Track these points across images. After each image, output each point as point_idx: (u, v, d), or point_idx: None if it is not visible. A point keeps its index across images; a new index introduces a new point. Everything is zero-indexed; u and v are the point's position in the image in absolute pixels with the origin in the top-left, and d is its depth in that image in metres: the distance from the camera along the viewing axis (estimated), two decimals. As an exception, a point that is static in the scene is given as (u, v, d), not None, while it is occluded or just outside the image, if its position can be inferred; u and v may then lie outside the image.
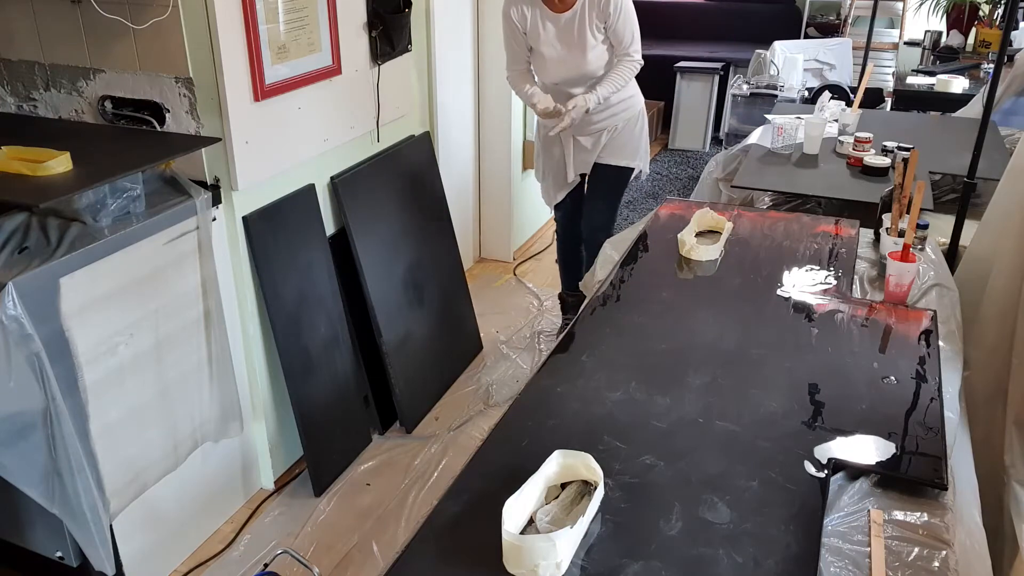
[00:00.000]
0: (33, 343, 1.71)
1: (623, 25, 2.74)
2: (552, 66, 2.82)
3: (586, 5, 2.71)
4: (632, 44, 2.79)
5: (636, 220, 3.20)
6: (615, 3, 2.69)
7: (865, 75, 3.50)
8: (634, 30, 2.77)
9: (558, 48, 2.78)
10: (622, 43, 2.78)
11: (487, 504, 1.28)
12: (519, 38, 2.83)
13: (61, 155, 1.87)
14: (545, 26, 2.76)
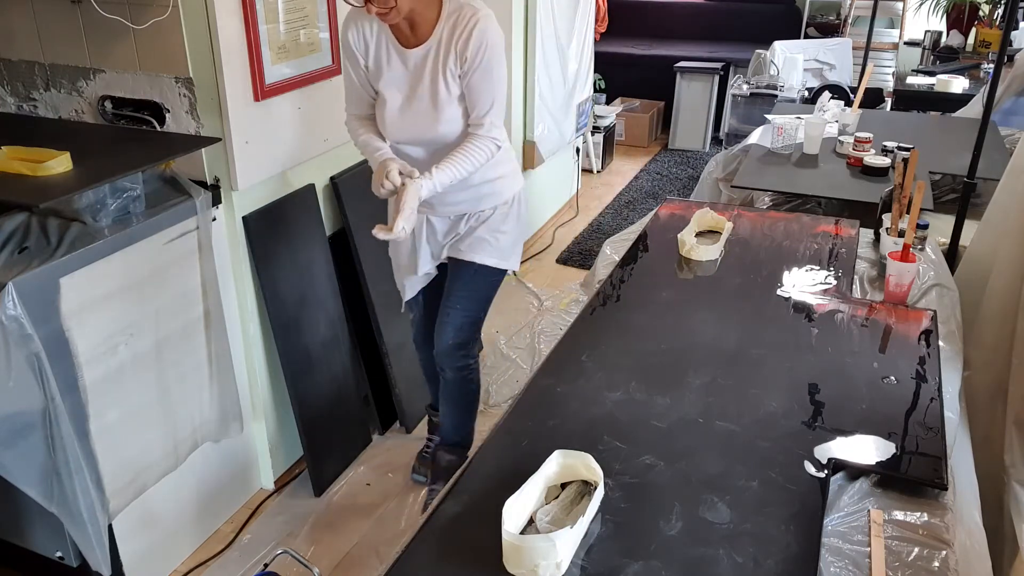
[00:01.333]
0: (33, 343, 1.71)
1: (482, 82, 1.97)
2: (394, 118, 2.06)
3: (442, 42, 1.96)
4: (489, 114, 2.00)
5: (636, 220, 3.19)
6: (477, 44, 1.93)
7: (865, 75, 3.50)
8: (496, 96, 1.99)
9: (404, 93, 2.04)
10: (476, 108, 2.00)
11: (487, 504, 1.28)
12: (360, 72, 2.08)
13: (61, 155, 1.87)
14: (391, 61, 2.02)
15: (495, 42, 1.94)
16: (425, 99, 2.01)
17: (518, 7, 3.73)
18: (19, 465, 1.77)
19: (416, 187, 1.94)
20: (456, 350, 2.29)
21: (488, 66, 1.95)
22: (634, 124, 6.11)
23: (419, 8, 1.92)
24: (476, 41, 1.91)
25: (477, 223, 2.20)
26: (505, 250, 2.25)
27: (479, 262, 2.21)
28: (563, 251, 4.36)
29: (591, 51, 4.68)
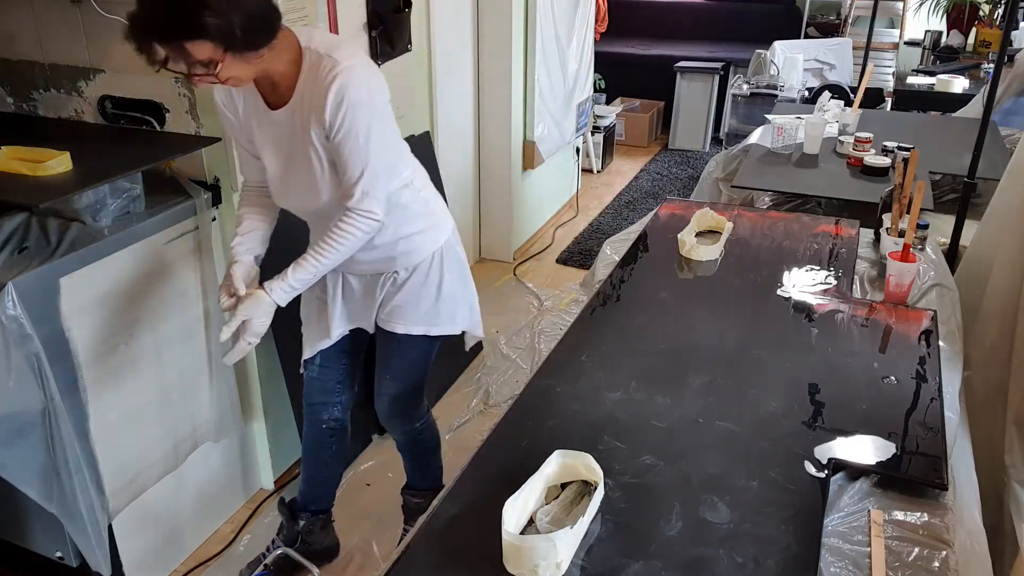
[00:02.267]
0: (33, 343, 1.71)
1: (345, 146, 1.63)
2: (276, 186, 1.79)
3: (303, 102, 1.64)
4: (360, 183, 1.66)
5: (636, 220, 3.19)
6: (335, 104, 1.59)
7: (865, 75, 3.50)
8: (367, 161, 1.64)
9: (280, 158, 1.75)
10: (345, 175, 1.67)
11: (487, 504, 1.28)
12: (238, 133, 1.83)
13: (61, 155, 1.87)
14: (261, 122, 1.73)
15: (359, 99, 1.60)
16: (301, 166, 1.71)
17: (518, 7, 3.73)
18: (18, 465, 1.77)
19: (255, 302, 1.69)
20: (397, 419, 2.12)
21: (351, 128, 1.61)
22: (634, 124, 6.11)
23: (275, 66, 1.61)
24: (334, 101, 1.59)
25: (395, 288, 1.90)
26: (432, 315, 1.94)
27: (401, 332, 1.94)
28: (563, 251, 4.36)
29: (591, 51, 4.68)
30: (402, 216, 1.83)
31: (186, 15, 1.42)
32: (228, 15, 1.43)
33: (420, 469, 2.29)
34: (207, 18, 1.42)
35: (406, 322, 1.93)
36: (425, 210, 1.89)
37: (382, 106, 1.67)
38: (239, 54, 1.50)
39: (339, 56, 1.61)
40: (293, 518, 2.25)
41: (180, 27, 1.44)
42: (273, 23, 1.54)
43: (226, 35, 1.45)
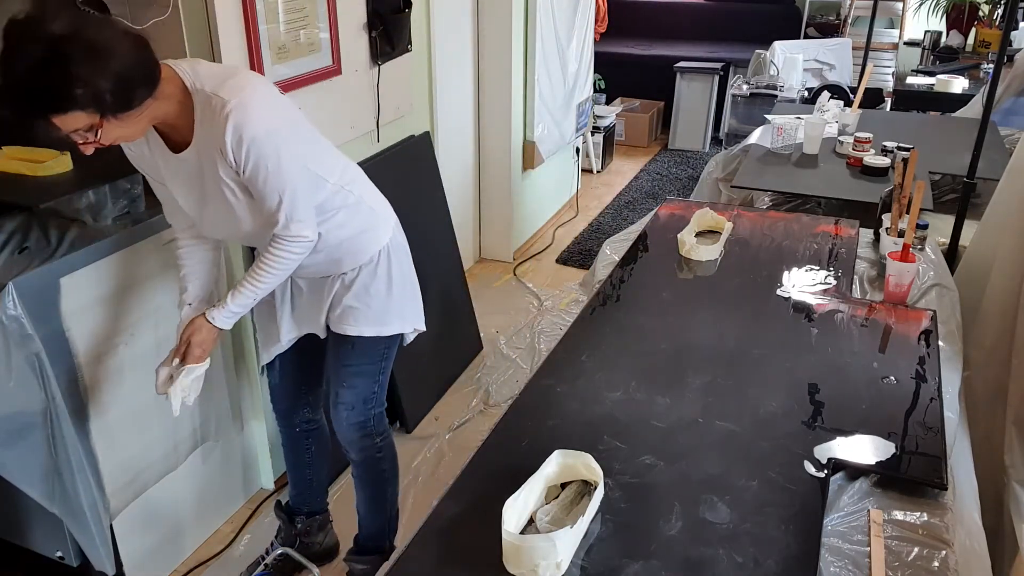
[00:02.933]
0: (33, 343, 1.71)
1: (257, 180, 1.57)
2: (201, 222, 1.74)
3: (203, 144, 1.57)
4: (281, 210, 1.61)
5: (636, 220, 3.19)
6: (235, 142, 1.52)
7: (865, 75, 3.50)
8: (283, 189, 1.59)
9: (196, 197, 1.68)
10: (264, 205, 1.62)
11: (487, 504, 1.28)
12: (151, 178, 1.76)
13: (61, 155, 1.87)
14: (168, 165, 1.66)
15: (257, 134, 1.52)
16: (218, 202, 1.65)
17: (518, 7, 3.73)
18: (20, 465, 1.77)
19: (197, 329, 1.69)
20: (355, 431, 1.97)
21: (258, 162, 1.54)
22: (634, 124, 6.11)
23: (166, 113, 1.54)
24: (232, 141, 1.51)
25: (343, 288, 1.85)
26: (381, 315, 1.88)
27: (353, 334, 1.88)
28: (563, 251, 4.36)
29: (591, 51, 4.68)
30: (339, 220, 1.78)
31: (50, 89, 1.33)
32: (95, 82, 1.34)
33: (374, 502, 2.10)
34: (73, 90, 1.33)
35: (357, 323, 1.87)
36: (362, 209, 1.84)
37: (284, 128, 1.60)
38: (117, 116, 1.41)
39: (226, 94, 1.51)
40: (290, 520, 2.25)
41: (45, 103, 1.35)
42: (149, 77, 1.45)
43: (97, 102, 1.36)
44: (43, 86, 1.32)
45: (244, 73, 1.56)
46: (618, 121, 5.91)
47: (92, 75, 1.33)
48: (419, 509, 2.51)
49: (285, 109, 1.64)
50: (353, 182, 1.85)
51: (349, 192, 1.82)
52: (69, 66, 1.31)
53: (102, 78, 1.34)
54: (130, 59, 1.39)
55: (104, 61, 1.34)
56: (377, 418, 2.02)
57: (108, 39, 1.36)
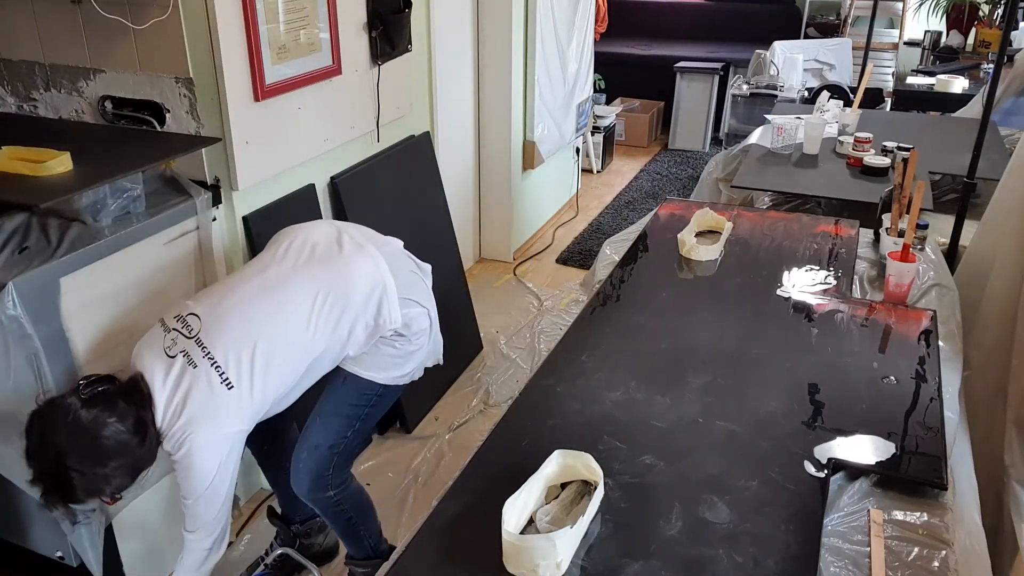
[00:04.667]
0: (32, 343, 1.71)
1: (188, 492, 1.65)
2: None
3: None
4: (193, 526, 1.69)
5: (636, 220, 3.18)
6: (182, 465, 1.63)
7: (865, 75, 3.50)
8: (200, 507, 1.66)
9: None
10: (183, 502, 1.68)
11: (487, 504, 1.28)
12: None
13: (61, 155, 1.87)
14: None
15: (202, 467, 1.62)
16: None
17: (518, 7, 3.73)
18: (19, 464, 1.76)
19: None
20: (307, 479, 1.90)
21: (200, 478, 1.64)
22: (634, 124, 6.11)
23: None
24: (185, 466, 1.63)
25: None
26: (385, 366, 1.87)
27: (348, 370, 1.85)
28: (563, 251, 4.36)
29: (591, 51, 4.68)
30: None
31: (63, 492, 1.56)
32: (98, 486, 1.57)
33: (351, 538, 2.07)
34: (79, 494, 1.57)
35: (355, 365, 1.85)
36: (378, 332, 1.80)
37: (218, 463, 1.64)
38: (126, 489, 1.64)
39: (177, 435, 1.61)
40: (286, 525, 2.24)
41: (62, 498, 1.57)
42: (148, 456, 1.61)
43: (105, 493, 1.61)
44: (56, 489, 1.56)
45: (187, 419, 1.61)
46: (618, 121, 5.91)
47: (95, 481, 1.56)
48: (419, 509, 2.51)
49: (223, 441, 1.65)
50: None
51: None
52: (75, 478, 1.53)
53: (104, 481, 1.57)
54: (128, 454, 1.57)
55: (105, 465, 1.55)
56: (337, 469, 1.92)
57: (108, 445, 1.54)
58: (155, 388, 1.61)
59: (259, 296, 1.70)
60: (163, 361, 1.63)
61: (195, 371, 1.61)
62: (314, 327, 1.70)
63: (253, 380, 1.63)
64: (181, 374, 1.61)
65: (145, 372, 1.63)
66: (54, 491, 1.56)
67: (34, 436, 1.55)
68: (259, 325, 1.66)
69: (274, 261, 1.76)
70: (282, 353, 1.67)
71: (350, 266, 1.76)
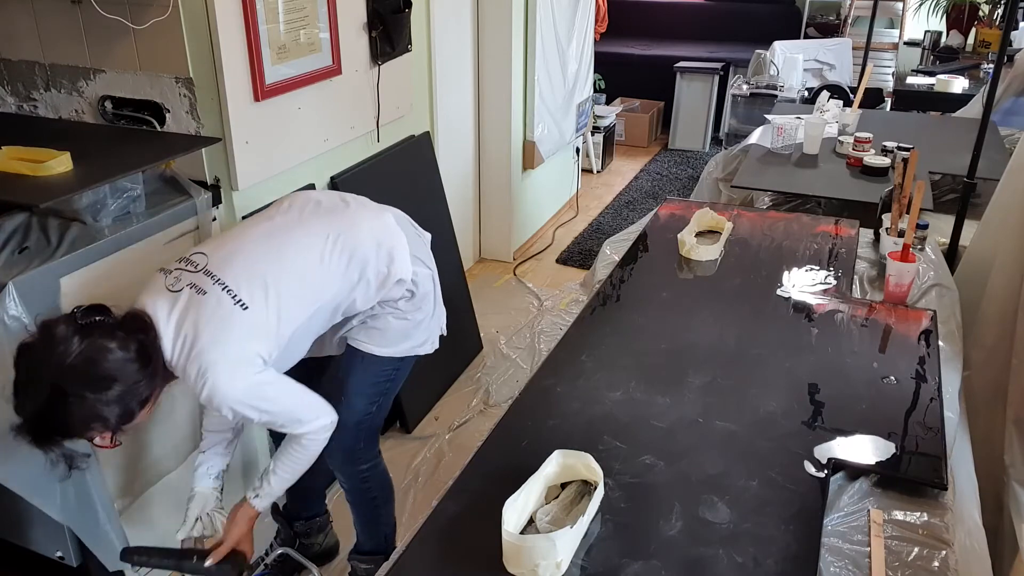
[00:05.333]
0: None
1: (261, 420, 1.63)
2: None
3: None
4: (290, 428, 1.67)
5: (636, 220, 3.18)
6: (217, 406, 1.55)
7: (865, 75, 3.50)
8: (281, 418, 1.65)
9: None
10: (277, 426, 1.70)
11: (487, 504, 1.28)
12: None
13: (61, 155, 1.87)
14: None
15: (237, 399, 1.53)
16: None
17: (518, 7, 3.73)
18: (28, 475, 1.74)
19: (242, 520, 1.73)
20: (339, 456, 1.92)
21: (247, 415, 1.58)
22: (634, 124, 6.11)
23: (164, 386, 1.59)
24: (213, 405, 1.56)
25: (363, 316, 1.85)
26: (399, 338, 1.87)
27: (365, 350, 1.86)
28: (563, 251, 4.36)
29: (591, 51, 4.68)
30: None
31: (58, 425, 1.42)
32: (99, 414, 1.42)
33: (367, 524, 2.09)
34: (78, 425, 1.43)
35: (371, 341, 1.86)
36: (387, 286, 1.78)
37: (254, 388, 1.56)
38: (123, 427, 1.50)
39: (191, 379, 1.52)
40: (289, 523, 2.24)
41: (56, 433, 1.45)
42: (150, 385, 1.50)
43: (105, 426, 1.45)
44: (51, 423, 1.41)
45: (204, 344, 1.51)
46: (618, 121, 5.91)
47: (95, 409, 1.41)
48: (419, 509, 2.51)
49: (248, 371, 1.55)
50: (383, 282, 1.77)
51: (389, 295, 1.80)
52: (72, 406, 1.39)
53: (106, 408, 1.42)
54: (131, 379, 1.45)
55: (106, 391, 1.41)
56: (367, 443, 1.96)
57: (109, 368, 1.42)
58: (160, 323, 1.51)
59: (267, 236, 1.66)
60: (166, 296, 1.53)
61: (204, 297, 1.52)
62: (326, 264, 1.66)
63: (268, 302, 1.56)
64: (188, 304, 1.51)
65: (147, 309, 1.52)
66: (48, 425, 1.42)
67: (24, 365, 1.41)
68: (271, 257, 1.62)
69: (279, 212, 1.74)
70: (295, 285, 1.61)
71: (358, 217, 1.76)
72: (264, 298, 1.56)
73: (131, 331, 1.47)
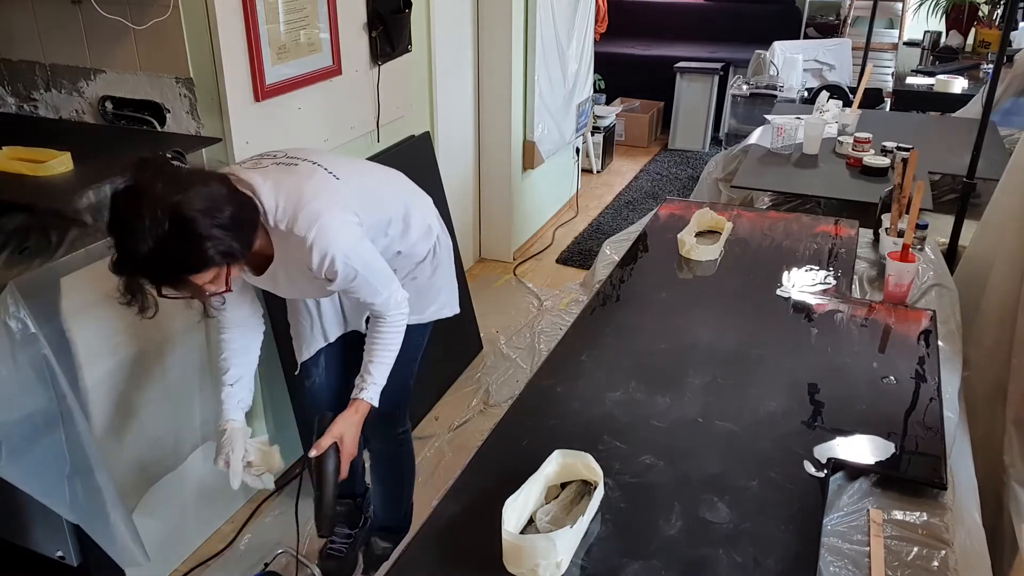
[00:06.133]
0: (38, 343, 1.70)
1: (356, 287, 1.66)
2: (279, 292, 1.82)
3: (288, 264, 1.63)
4: (377, 301, 1.71)
5: (636, 220, 3.18)
6: (323, 265, 1.57)
7: (864, 75, 3.50)
8: (375, 288, 1.68)
9: (278, 287, 1.76)
10: (360, 299, 1.73)
11: (487, 504, 1.28)
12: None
13: (62, 155, 1.87)
14: (248, 279, 1.75)
15: (338, 254, 1.56)
16: (304, 284, 1.70)
17: (518, 7, 3.73)
18: (36, 473, 1.74)
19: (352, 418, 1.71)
20: (383, 420, 1.96)
21: (347, 274, 1.60)
22: (634, 124, 6.11)
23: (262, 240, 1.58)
24: (319, 263, 1.56)
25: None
26: (425, 304, 1.97)
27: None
28: (563, 251, 4.37)
29: (591, 51, 4.68)
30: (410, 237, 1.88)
31: (186, 254, 1.37)
32: (221, 236, 1.38)
33: (390, 499, 2.14)
34: (207, 249, 1.37)
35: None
36: (419, 221, 1.87)
37: (358, 242, 1.62)
38: (239, 261, 1.47)
39: (301, 229, 1.53)
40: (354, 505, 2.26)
41: (183, 266, 1.39)
42: (254, 211, 1.50)
43: (228, 253, 1.41)
44: (178, 252, 1.35)
45: (309, 197, 1.55)
46: (618, 121, 5.91)
47: (217, 230, 1.37)
48: (419, 509, 2.51)
49: (354, 229, 1.62)
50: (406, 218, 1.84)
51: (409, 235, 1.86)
52: (197, 228, 1.34)
53: (225, 230, 1.38)
54: (235, 202, 1.43)
55: (220, 213, 1.38)
56: (403, 410, 2.08)
57: (213, 191, 1.40)
58: (255, 184, 1.51)
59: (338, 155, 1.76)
60: (257, 171, 1.55)
61: (295, 167, 1.57)
62: (382, 187, 1.79)
63: (353, 181, 1.65)
64: (280, 173, 1.56)
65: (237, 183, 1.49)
66: (172, 258, 1.35)
67: (132, 202, 1.33)
68: (343, 160, 1.72)
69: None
70: (366, 185, 1.72)
71: (390, 171, 1.90)
72: (350, 176, 1.65)
73: (218, 177, 1.45)
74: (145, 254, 1.32)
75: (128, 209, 1.33)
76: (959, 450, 1.58)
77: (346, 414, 1.71)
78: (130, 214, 1.32)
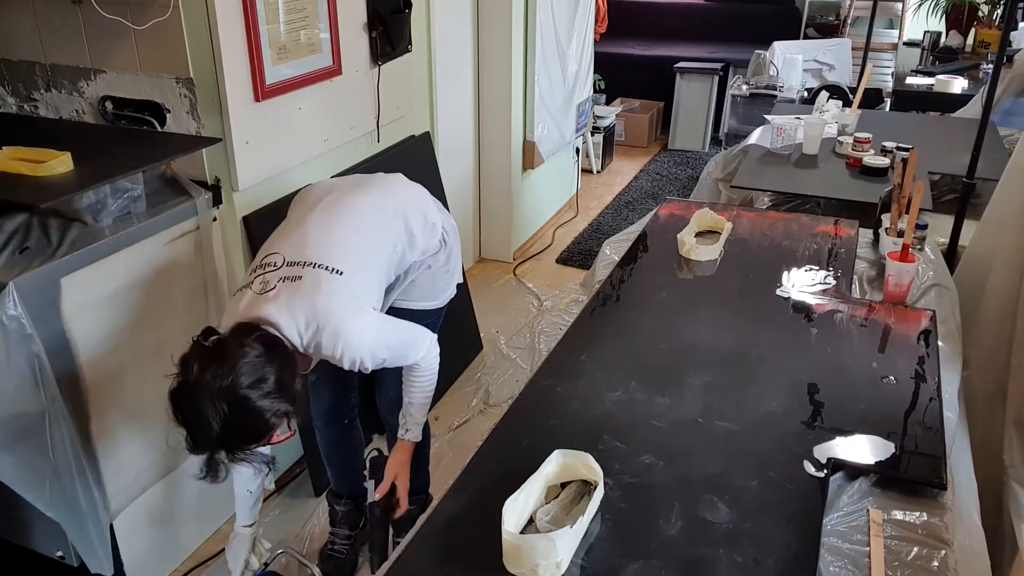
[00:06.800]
0: (34, 343, 1.71)
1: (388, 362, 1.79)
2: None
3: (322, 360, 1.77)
4: (409, 363, 1.85)
5: (636, 220, 3.18)
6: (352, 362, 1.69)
7: (864, 75, 3.50)
8: (405, 356, 1.82)
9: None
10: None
11: (487, 504, 1.28)
12: None
13: (62, 155, 1.87)
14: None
15: (369, 350, 1.70)
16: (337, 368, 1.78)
17: (518, 7, 3.73)
18: (17, 469, 1.76)
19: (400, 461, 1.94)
20: (399, 403, 2.02)
21: (376, 361, 1.73)
22: (634, 124, 6.11)
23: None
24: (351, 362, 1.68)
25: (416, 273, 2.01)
26: (439, 289, 2.08)
27: (412, 308, 2.03)
28: (563, 251, 4.37)
29: (591, 51, 4.68)
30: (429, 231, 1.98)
31: (250, 429, 1.53)
32: (273, 404, 1.52)
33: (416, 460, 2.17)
34: (267, 420, 1.52)
35: (414, 299, 2.04)
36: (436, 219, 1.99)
37: (381, 336, 1.74)
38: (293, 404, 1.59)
39: (327, 349, 1.64)
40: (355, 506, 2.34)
41: (251, 439, 1.55)
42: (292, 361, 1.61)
43: (285, 415, 1.56)
44: (244, 426, 1.51)
45: (324, 319, 1.63)
46: (618, 121, 5.91)
47: (267, 400, 1.51)
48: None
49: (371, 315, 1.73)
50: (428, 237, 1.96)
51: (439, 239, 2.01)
52: (253, 404, 1.49)
53: (274, 397, 1.52)
54: (274, 362, 1.54)
55: (266, 381, 1.51)
56: None
57: (252, 359, 1.50)
58: (273, 319, 1.60)
59: (326, 211, 1.80)
60: (264, 299, 1.62)
61: (300, 282, 1.63)
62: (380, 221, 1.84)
63: (354, 262, 1.71)
64: (290, 294, 1.62)
65: (250, 317, 1.60)
66: (239, 436, 1.51)
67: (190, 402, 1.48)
68: (337, 224, 1.77)
69: (324, 195, 1.86)
70: (365, 242, 1.78)
71: (387, 183, 1.97)
72: (351, 260, 1.71)
73: (246, 334, 1.55)
74: (217, 437, 1.49)
75: (189, 407, 1.48)
76: (959, 450, 1.58)
77: (396, 456, 1.94)
78: (193, 411, 1.48)
